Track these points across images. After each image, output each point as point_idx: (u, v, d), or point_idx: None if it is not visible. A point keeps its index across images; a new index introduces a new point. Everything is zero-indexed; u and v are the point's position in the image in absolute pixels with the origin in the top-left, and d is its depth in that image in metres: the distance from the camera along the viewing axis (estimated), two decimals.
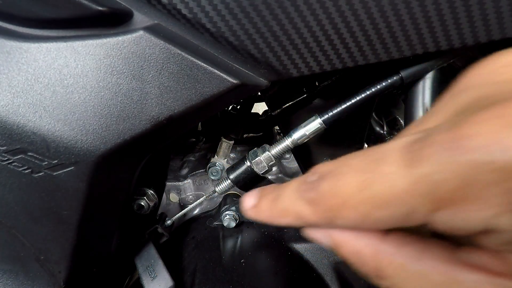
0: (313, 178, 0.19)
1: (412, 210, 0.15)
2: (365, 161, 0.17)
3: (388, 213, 0.16)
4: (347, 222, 0.18)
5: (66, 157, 0.34)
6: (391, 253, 0.18)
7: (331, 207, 0.18)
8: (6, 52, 0.31)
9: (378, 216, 0.16)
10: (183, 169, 0.67)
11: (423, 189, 0.15)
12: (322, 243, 0.21)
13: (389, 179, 0.15)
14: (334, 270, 0.54)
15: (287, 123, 0.51)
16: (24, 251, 0.41)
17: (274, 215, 0.21)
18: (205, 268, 0.51)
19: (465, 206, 0.14)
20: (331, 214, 0.18)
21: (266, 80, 0.37)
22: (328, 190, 0.18)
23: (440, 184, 0.14)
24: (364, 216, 0.17)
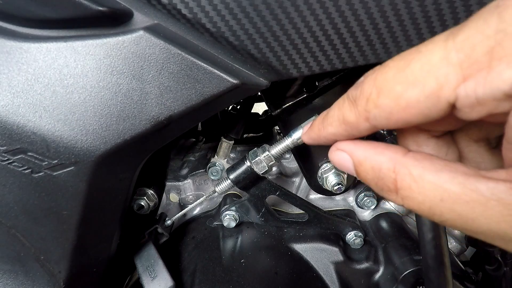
0: (361, 79, 0.20)
1: (443, 83, 0.15)
2: (413, 48, 0.17)
3: (420, 91, 0.16)
4: (382, 111, 0.18)
5: (66, 157, 0.34)
6: (411, 164, 0.19)
7: (369, 97, 0.18)
8: (6, 52, 0.31)
9: (410, 96, 0.16)
10: (183, 169, 0.67)
11: (456, 56, 0.15)
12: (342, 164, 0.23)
13: (427, 54, 0.16)
14: (334, 270, 0.55)
15: (287, 123, 0.51)
16: (24, 251, 0.41)
17: (323, 127, 0.23)
18: (205, 268, 0.51)
19: (494, 67, 0.14)
20: (368, 105, 0.18)
21: (266, 80, 0.37)
22: (369, 83, 0.18)
23: (474, 48, 0.14)
24: (397, 99, 0.17)
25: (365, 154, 0.21)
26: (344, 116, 0.21)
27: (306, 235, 0.57)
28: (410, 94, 0.17)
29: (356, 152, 0.22)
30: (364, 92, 0.19)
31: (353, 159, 0.22)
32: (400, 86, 0.17)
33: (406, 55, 0.17)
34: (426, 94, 0.16)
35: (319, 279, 0.53)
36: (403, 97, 0.17)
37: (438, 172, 0.18)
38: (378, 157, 0.21)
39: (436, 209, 0.18)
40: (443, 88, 0.16)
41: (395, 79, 0.17)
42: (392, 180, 0.19)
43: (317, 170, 0.54)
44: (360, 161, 0.22)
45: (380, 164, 0.20)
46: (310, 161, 0.54)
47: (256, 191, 0.51)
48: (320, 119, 0.24)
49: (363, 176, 0.22)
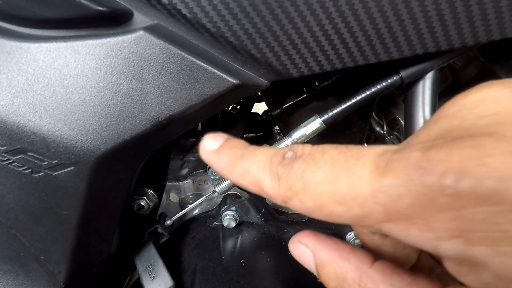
0: (289, 155, 0.19)
1: (367, 214, 0.16)
2: (342, 156, 0.17)
3: (344, 210, 0.16)
4: (302, 206, 0.18)
5: (66, 157, 0.34)
6: (379, 279, 0.18)
7: (293, 187, 0.18)
8: (6, 52, 0.31)
9: (333, 210, 0.17)
10: (183, 169, 0.67)
11: (381, 198, 0.15)
12: (303, 259, 0.21)
13: (356, 180, 0.16)
14: None
15: (287, 123, 0.51)
16: (24, 251, 0.41)
17: (231, 172, 0.21)
18: (205, 268, 0.51)
19: (415, 224, 0.15)
20: (290, 193, 0.18)
21: (266, 80, 0.37)
22: (297, 171, 0.18)
23: (398, 197, 0.15)
24: (320, 206, 0.17)
25: (329, 257, 0.20)
26: (262, 182, 0.19)
27: None
28: (335, 209, 0.17)
29: (320, 252, 0.20)
30: (290, 179, 0.18)
31: (315, 258, 0.21)
32: (326, 197, 0.17)
33: (335, 165, 0.17)
34: (350, 216, 0.16)
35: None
36: (327, 208, 0.17)
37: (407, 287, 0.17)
38: (343, 263, 0.20)
39: None
40: (367, 218, 0.16)
41: (322, 188, 0.17)
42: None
43: None
44: (323, 263, 0.20)
45: (345, 273, 0.19)
46: None
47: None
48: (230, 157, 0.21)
49: (326, 281, 0.20)
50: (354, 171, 0.16)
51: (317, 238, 0.21)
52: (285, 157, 0.19)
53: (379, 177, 0.15)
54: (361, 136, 0.52)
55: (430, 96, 0.39)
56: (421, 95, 0.40)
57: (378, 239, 0.22)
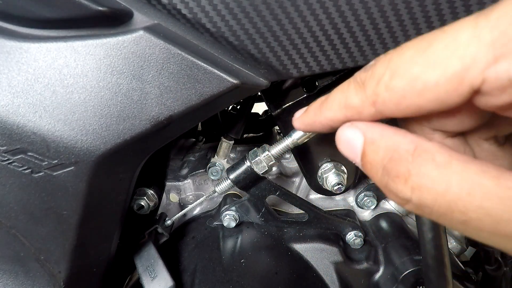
0: (371, 62, 0.18)
1: (469, 63, 0.14)
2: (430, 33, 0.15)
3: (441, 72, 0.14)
4: (392, 95, 0.16)
5: (66, 157, 0.34)
6: (436, 150, 0.16)
7: (381, 78, 0.16)
8: (6, 52, 0.31)
9: (428, 78, 0.15)
10: (183, 169, 0.67)
11: (489, 34, 0.13)
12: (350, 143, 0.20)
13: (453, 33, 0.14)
14: (334, 270, 0.55)
15: (287, 123, 0.51)
16: (24, 251, 0.41)
17: (320, 111, 0.21)
18: (205, 268, 0.51)
19: None
20: (378, 89, 0.16)
21: (266, 80, 0.37)
22: (382, 65, 0.17)
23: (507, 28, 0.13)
24: (413, 80, 0.15)
25: (382, 132, 0.18)
26: (347, 99, 0.19)
27: (306, 235, 0.57)
28: (429, 76, 0.15)
29: (372, 130, 0.19)
30: (376, 74, 0.17)
31: (365, 136, 0.19)
32: (418, 67, 0.15)
33: (427, 36, 0.16)
34: (448, 76, 0.14)
35: (319, 279, 0.53)
36: (421, 79, 0.15)
37: (467, 163, 0.15)
38: (396, 137, 0.18)
39: (459, 204, 0.15)
40: (469, 70, 0.14)
41: (413, 60, 0.15)
42: (407, 163, 0.16)
43: (317, 170, 0.54)
44: (373, 139, 0.18)
45: (398, 144, 0.17)
46: (310, 161, 0.54)
47: (256, 191, 0.51)
48: (317, 103, 0.22)
49: (370, 156, 0.18)
50: (451, 29, 0.14)
51: (370, 122, 0.19)
52: (367, 65, 0.18)
53: (484, 17, 0.14)
54: None
55: None
56: None
57: (438, 139, 0.20)
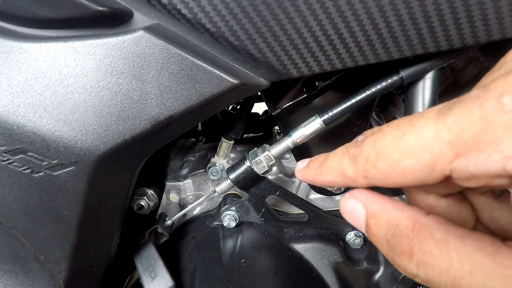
0: (360, 138, 0.21)
1: (436, 156, 0.16)
2: (406, 119, 0.18)
3: (415, 161, 0.17)
4: (380, 174, 0.19)
5: (66, 157, 0.34)
6: (434, 226, 0.18)
7: (368, 159, 0.19)
8: (6, 52, 0.31)
9: (406, 164, 0.17)
10: (183, 169, 0.67)
11: (446, 136, 0.16)
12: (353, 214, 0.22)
13: (420, 130, 0.17)
14: (334, 270, 0.55)
15: (287, 123, 0.51)
16: (24, 251, 0.41)
17: (320, 172, 0.23)
18: (205, 268, 0.51)
19: (482, 150, 0.15)
20: (367, 166, 0.19)
21: (266, 80, 0.37)
22: (368, 145, 0.19)
23: (461, 130, 0.16)
24: (394, 165, 0.18)
25: (382, 207, 0.20)
26: (343, 169, 0.21)
27: (306, 235, 0.57)
28: (406, 163, 0.17)
29: (372, 203, 0.21)
30: (364, 153, 0.20)
31: (367, 210, 0.21)
32: (396, 154, 0.18)
33: (400, 126, 0.18)
34: (421, 164, 0.17)
35: (319, 279, 0.53)
36: (400, 165, 0.18)
37: (464, 239, 0.17)
38: (396, 212, 0.20)
39: (463, 282, 0.16)
40: (437, 162, 0.17)
41: (392, 147, 0.18)
42: (409, 240, 0.18)
43: None
44: (374, 213, 0.21)
45: (398, 220, 0.19)
46: None
47: (256, 191, 0.51)
48: (317, 163, 0.24)
49: (374, 230, 0.20)
50: (418, 124, 0.17)
51: (371, 193, 0.22)
52: (357, 140, 0.21)
53: (442, 120, 0.16)
54: None
55: (430, 96, 0.39)
56: (421, 95, 0.40)
57: (433, 200, 0.22)
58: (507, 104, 0.15)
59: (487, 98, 0.15)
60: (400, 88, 0.47)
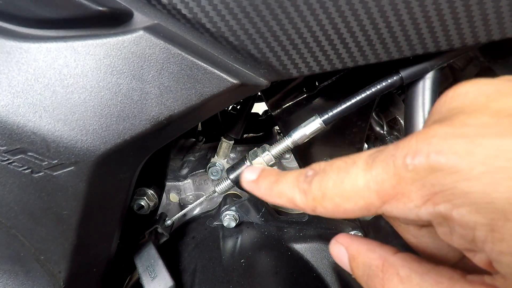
0: (310, 173, 0.23)
1: (368, 202, 0.19)
2: (343, 163, 0.21)
3: (353, 204, 0.20)
4: (326, 211, 0.21)
5: (66, 157, 0.34)
6: (399, 264, 0.21)
7: (315, 197, 0.22)
8: (6, 52, 0.31)
9: (346, 207, 0.20)
10: (183, 169, 0.67)
11: (373, 186, 0.19)
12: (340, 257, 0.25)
13: (354, 178, 0.20)
14: (334, 270, 0.55)
15: (287, 123, 0.51)
16: (24, 251, 0.41)
17: (270, 194, 0.25)
18: (205, 268, 0.51)
19: (399, 199, 0.19)
20: (315, 203, 0.22)
21: (266, 80, 0.37)
22: (315, 184, 0.22)
23: (382, 182, 0.19)
24: (336, 206, 0.21)
25: (358, 249, 0.23)
26: (294, 199, 0.23)
27: (306, 235, 0.57)
28: (346, 205, 0.20)
29: (351, 246, 0.24)
30: (312, 192, 0.22)
31: (348, 253, 0.24)
32: (338, 198, 0.20)
33: (340, 171, 0.21)
34: (358, 207, 0.20)
35: (319, 279, 0.53)
36: (341, 206, 0.20)
37: (424, 275, 0.19)
38: (369, 253, 0.22)
39: None
40: (370, 206, 0.19)
41: (333, 191, 0.21)
42: (379, 279, 0.21)
43: None
44: (353, 256, 0.23)
45: (370, 261, 0.22)
46: (310, 161, 0.54)
47: None
48: (267, 183, 0.25)
49: (355, 271, 0.23)
50: (352, 172, 0.20)
51: (351, 237, 0.25)
52: (307, 175, 0.23)
53: (369, 171, 0.19)
54: (361, 136, 0.52)
55: (430, 96, 0.39)
56: (421, 95, 0.40)
57: (414, 230, 0.24)
58: (409, 164, 0.18)
59: (397, 157, 0.18)
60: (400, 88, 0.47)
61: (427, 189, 0.17)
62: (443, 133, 0.17)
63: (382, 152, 0.20)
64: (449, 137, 0.17)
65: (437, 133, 0.18)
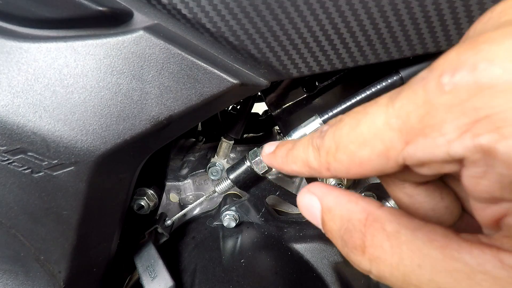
0: (325, 128, 0.20)
1: (388, 145, 0.16)
2: (362, 107, 0.18)
3: (370, 151, 0.17)
4: (341, 165, 0.18)
5: (66, 157, 0.34)
6: (386, 219, 0.17)
7: (329, 151, 0.19)
8: (6, 52, 0.31)
9: (362, 155, 0.17)
10: (183, 169, 0.67)
11: (394, 123, 0.16)
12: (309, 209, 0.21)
13: (372, 117, 0.17)
14: (334, 270, 0.55)
15: (287, 123, 0.51)
16: (24, 251, 0.41)
17: (287, 161, 0.23)
18: (205, 268, 0.51)
19: (427, 134, 0.15)
20: (329, 158, 0.19)
21: (266, 80, 0.37)
22: (329, 135, 0.19)
23: (407, 115, 0.15)
24: (351, 156, 0.18)
25: (336, 200, 0.20)
26: (308, 160, 0.21)
27: (306, 235, 0.57)
28: (362, 153, 0.17)
29: (327, 197, 0.20)
30: (325, 145, 0.19)
31: (322, 204, 0.20)
32: (353, 145, 0.17)
33: (356, 114, 0.18)
34: (376, 154, 0.17)
35: (319, 279, 0.53)
36: (357, 155, 0.17)
37: (415, 230, 0.16)
38: (349, 205, 0.19)
39: (413, 278, 0.15)
40: (390, 151, 0.16)
41: (348, 137, 0.18)
42: (361, 234, 0.17)
43: None
44: (329, 208, 0.20)
45: (350, 214, 0.18)
46: None
47: (256, 191, 0.51)
48: (284, 151, 0.24)
49: (329, 226, 0.19)
50: (371, 112, 0.17)
51: (326, 187, 0.21)
52: (322, 130, 0.20)
53: (391, 105, 0.16)
54: None
55: None
56: None
57: (409, 188, 0.21)
58: (446, 84, 0.14)
59: (429, 79, 0.14)
60: None
61: (467, 115, 0.13)
62: (497, 37, 0.13)
63: (410, 82, 0.16)
64: (507, 41, 0.13)
65: (489, 38, 0.13)
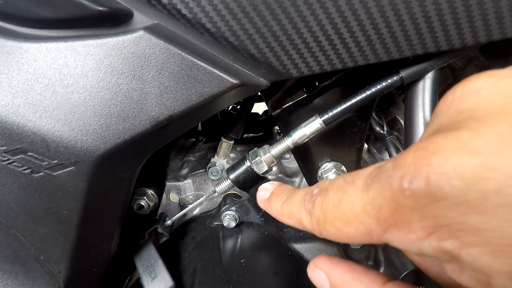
0: (315, 192, 0.21)
1: (369, 229, 0.17)
2: (343, 182, 0.19)
3: (354, 230, 0.17)
4: (330, 235, 0.19)
5: (66, 157, 0.34)
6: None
7: (319, 220, 0.20)
8: (6, 52, 0.31)
9: (348, 232, 0.18)
10: (183, 169, 0.67)
11: (370, 211, 0.16)
12: (320, 283, 0.22)
13: (350, 199, 0.17)
14: None
15: (287, 123, 0.51)
16: (24, 251, 0.41)
17: (282, 214, 0.24)
18: (205, 268, 0.51)
19: (399, 229, 0.16)
20: (319, 226, 0.20)
21: (266, 80, 0.37)
22: (318, 206, 0.20)
23: (379, 207, 0.16)
24: (339, 231, 0.18)
25: (342, 278, 0.21)
26: (301, 220, 0.21)
27: (306, 235, 0.57)
28: (348, 231, 0.18)
29: (333, 274, 0.22)
30: (315, 214, 0.20)
31: (330, 281, 0.22)
32: (338, 222, 0.18)
33: (338, 191, 0.18)
34: (360, 233, 0.17)
35: None
36: (343, 231, 0.18)
37: None
38: (354, 283, 0.20)
39: None
40: (372, 233, 0.17)
41: (333, 214, 0.18)
42: None
43: (317, 170, 0.54)
44: (336, 285, 0.21)
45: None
46: (310, 161, 0.54)
47: (256, 191, 0.51)
48: (278, 202, 0.24)
49: None
50: (350, 193, 0.18)
51: (331, 261, 0.22)
52: (312, 193, 0.21)
53: (366, 193, 0.17)
54: (361, 136, 0.51)
55: (430, 96, 0.39)
56: (421, 95, 0.40)
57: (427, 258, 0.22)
58: (406, 189, 0.14)
59: (394, 178, 0.15)
60: (400, 88, 0.47)
61: (430, 220, 0.14)
62: (447, 148, 0.14)
63: (381, 170, 0.17)
64: (455, 154, 0.13)
65: (440, 148, 0.14)
